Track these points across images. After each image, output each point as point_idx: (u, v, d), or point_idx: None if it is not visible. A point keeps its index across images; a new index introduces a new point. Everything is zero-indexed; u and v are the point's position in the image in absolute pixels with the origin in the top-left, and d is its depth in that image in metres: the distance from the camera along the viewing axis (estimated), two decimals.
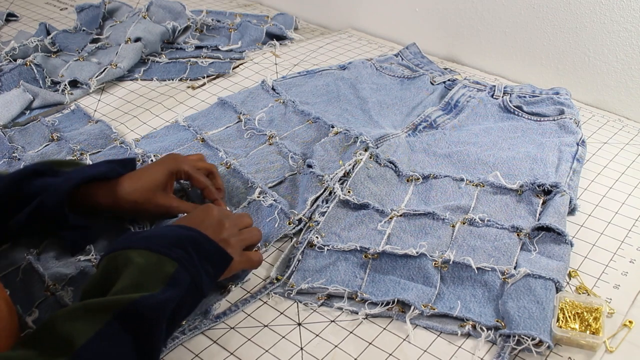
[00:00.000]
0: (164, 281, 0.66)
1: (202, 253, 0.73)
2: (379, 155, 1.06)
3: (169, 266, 0.68)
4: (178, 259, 0.69)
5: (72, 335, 0.58)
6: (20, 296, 0.81)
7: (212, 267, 0.74)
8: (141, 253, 0.69)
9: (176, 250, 0.70)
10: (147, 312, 0.62)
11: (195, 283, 0.70)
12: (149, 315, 0.62)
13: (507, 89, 1.24)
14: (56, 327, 0.59)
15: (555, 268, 0.83)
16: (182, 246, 0.71)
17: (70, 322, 0.60)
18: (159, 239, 0.71)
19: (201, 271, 0.71)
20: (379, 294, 0.83)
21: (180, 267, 0.68)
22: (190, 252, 0.71)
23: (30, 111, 1.25)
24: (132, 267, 0.67)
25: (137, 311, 0.61)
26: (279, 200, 0.96)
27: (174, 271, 0.68)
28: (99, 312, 0.61)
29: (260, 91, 1.28)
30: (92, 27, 1.57)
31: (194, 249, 0.72)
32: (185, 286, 0.68)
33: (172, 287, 0.66)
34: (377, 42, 1.59)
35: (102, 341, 0.59)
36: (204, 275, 0.71)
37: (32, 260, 0.85)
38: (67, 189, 0.83)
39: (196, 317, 0.79)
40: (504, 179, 1.00)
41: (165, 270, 0.67)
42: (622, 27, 1.21)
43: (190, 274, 0.69)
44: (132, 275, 0.66)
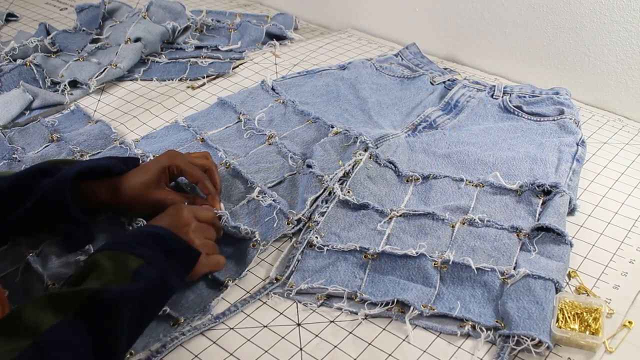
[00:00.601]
0: (127, 277, 0.70)
1: (167, 249, 0.76)
2: (379, 155, 1.06)
3: (133, 262, 0.71)
4: (142, 256, 0.72)
5: (37, 322, 0.61)
6: (20, 296, 0.81)
7: (179, 262, 0.77)
8: (108, 254, 0.72)
9: (140, 248, 0.73)
10: (110, 300, 0.65)
11: (161, 277, 0.72)
12: (111, 303, 0.65)
13: (507, 89, 1.24)
14: (22, 315, 0.62)
15: (555, 268, 0.83)
16: (147, 243, 0.74)
17: (35, 310, 0.62)
18: (126, 239, 0.76)
19: (167, 267, 0.74)
20: (378, 294, 0.83)
21: (145, 263, 0.72)
22: (155, 248, 0.74)
23: (30, 111, 1.25)
24: (99, 267, 0.70)
25: (100, 300, 0.64)
26: (278, 200, 0.96)
27: (138, 267, 0.71)
28: (63, 301, 0.64)
29: (260, 91, 1.28)
30: (92, 27, 1.57)
31: (159, 245, 0.75)
32: (150, 280, 0.71)
33: (135, 281, 0.69)
34: (377, 42, 1.59)
35: (65, 328, 0.61)
36: (170, 270, 0.74)
37: (31, 260, 0.85)
38: (71, 175, 0.85)
39: (195, 315, 0.80)
40: (503, 179, 0.99)
41: (129, 267, 0.71)
42: (622, 27, 1.21)
43: (155, 269, 0.72)
44: (98, 275, 0.69)
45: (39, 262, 0.85)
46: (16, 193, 0.85)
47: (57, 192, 0.83)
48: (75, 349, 0.61)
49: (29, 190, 0.84)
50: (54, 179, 0.85)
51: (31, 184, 0.85)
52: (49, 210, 0.84)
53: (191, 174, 0.94)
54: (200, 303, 0.81)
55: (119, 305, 0.65)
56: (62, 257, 0.86)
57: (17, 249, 0.87)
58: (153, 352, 0.74)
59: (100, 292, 0.65)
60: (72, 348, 0.61)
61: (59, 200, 0.84)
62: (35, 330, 0.60)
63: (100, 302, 0.64)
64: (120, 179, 0.91)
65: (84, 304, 0.64)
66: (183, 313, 0.79)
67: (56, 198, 0.83)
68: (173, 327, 0.78)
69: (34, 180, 0.85)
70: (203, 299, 0.82)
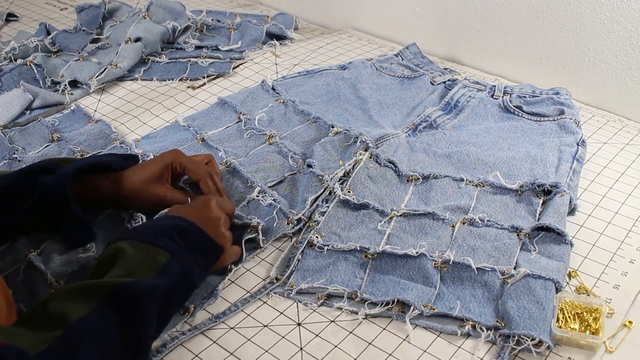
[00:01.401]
0: (155, 270, 0.70)
1: (192, 244, 0.76)
2: (379, 155, 1.06)
3: (161, 256, 0.71)
4: (169, 250, 0.72)
5: (66, 312, 0.61)
6: (23, 295, 0.81)
7: (203, 257, 0.77)
8: (133, 244, 0.72)
9: (167, 241, 0.73)
10: (138, 294, 0.65)
11: (185, 273, 0.73)
12: (140, 297, 0.65)
13: (507, 89, 1.24)
14: (49, 307, 0.62)
15: (555, 268, 0.83)
16: (173, 236, 0.74)
17: (63, 302, 0.62)
18: (151, 230, 0.75)
19: (191, 262, 0.74)
20: (378, 294, 0.83)
21: (171, 258, 0.71)
22: (181, 242, 0.74)
23: (31, 111, 1.25)
24: (125, 257, 0.70)
25: (128, 293, 0.64)
26: (278, 199, 0.96)
27: (166, 261, 0.71)
28: (92, 292, 0.64)
29: (260, 91, 1.28)
30: (92, 27, 1.57)
31: (184, 239, 0.75)
32: (176, 275, 0.71)
33: (163, 276, 0.69)
34: (377, 42, 1.59)
35: (95, 319, 0.61)
36: (194, 265, 0.75)
37: (33, 259, 0.85)
38: (72, 172, 0.85)
39: (204, 301, 0.81)
40: (504, 179, 1.00)
41: (157, 261, 0.71)
42: (622, 27, 1.21)
43: (181, 264, 0.72)
44: (125, 264, 0.69)
45: (41, 261, 0.85)
46: (17, 191, 0.85)
47: (58, 189, 0.84)
48: (105, 340, 0.61)
49: (30, 188, 0.85)
50: (55, 176, 0.85)
51: (32, 181, 0.85)
52: (50, 207, 0.84)
53: (194, 171, 0.95)
54: (207, 289, 0.83)
55: (147, 299, 0.65)
56: (64, 255, 0.86)
57: (17, 248, 0.87)
58: (153, 352, 0.74)
59: (129, 285, 0.65)
60: (101, 339, 0.61)
61: (59, 198, 0.84)
62: (64, 321, 0.60)
63: (129, 295, 0.64)
64: (122, 172, 0.91)
65: (112, 296, 0.63)
66: (192, 301, 0.81)
67: (57, 195, 0.84)
68: (184, 315, 0.79)
69: (35, 178, 0.85)
70: (209, 284, 0.83)
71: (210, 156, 1.00)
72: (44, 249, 0.87)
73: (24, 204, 0.84)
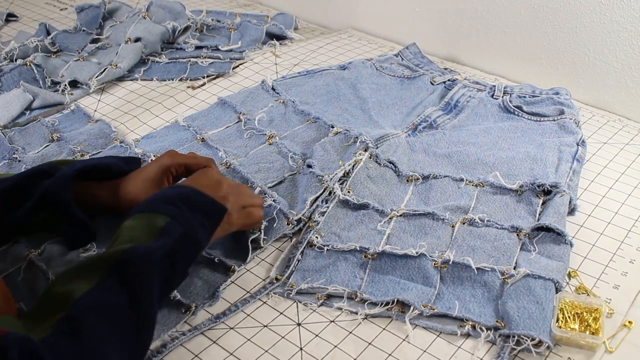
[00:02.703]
0: (154, 234, 0.70)
1: (193, 205, 0.76)
2: (379, 155, 1.06)
3: (160, 220, 0.72)
4: (168, 213, 0.72)
5: (69, 292, 0.61)
6: (24, 294, 0.81)
7: (206, 218, 0.77)
8: (134, 217, 0.73)
9: (166, 206, 0.74)
10: (137, 259, 0.65)
11: (187, 233, 0.73)
12: (139, 262, 0.65)
13: (507, 89, 1.24)
14: (54, 290, 0.63)
15: (555, 268, 0.83)
16: (173, 202, 0.75)
17: (66, 282, 0.63)
18: (151, 200, 0.76)
19: (193, 222, 0.74)
20: (378, 294, 0.83)
21: (171, 220, 0.72)
22: (181, 206, 0.74)
23: (30, 111, 1.25)
24: (125, 229, 0.71)
25: (128, 259, 0.65)
26: (278, 200, 0.96)
27: (165, 224, 0.71)
28: (92, 268, 0.64)
29: (260, 91, 1.28)
30: (92, 27, 1.57)
31: (185, 202, 0.75)
32: (177, 236, 0.71)
33: (163, 237, 0.70)
34: (377, 42, 1.59)
35: (98, 292, 0.62)
36: (197, 225, 0.74)
37: (34, 258, 0.85)
38: (72, 174, 0.85)
39: (205, 301, 0.81)
40: (503, 179, 1.00)
41: (156, 225, 0.71)
42: (622, 27, 1.21)
43: (182, 226, 0.72)
44: (125, 235, 0.70)
45: (42, 261, 0.85)
46: (16, 195, 0.84)
47: (57, 190, 0.83)
48: (109, 312, 0.61)
49: (29, 192, 0.84)
50: (55, 177, 0.85)
51: (31, 185, 0.85)
52: (50, 209, 0.84)
53: (196, 162, 0.94)
54: (209, 289, 0.83)
55: (147, 262, 0.66)
56: (65, 256, 0.87)
57: (18, 249, 0.87)
58: (153, 352, 0.74)
59: (128, 252, 0.65)
60: (105, 312, 0.61)
61: (59, 199, 0.84)
62: (68, 300, 0.60)
63: (129, 261, 0.65)
64: (120, 180, 0.90)
65: (113, 267, 0.64)
66: (193, 300, 0.81)
67: (57, 196, 0.83)
68: (185, 313, 0.79)
69: (34, 182, 0.85)
70: (211, 284, 0.84)
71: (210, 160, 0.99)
72: (44, 249, 0.87)
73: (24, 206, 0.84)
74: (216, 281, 0.84)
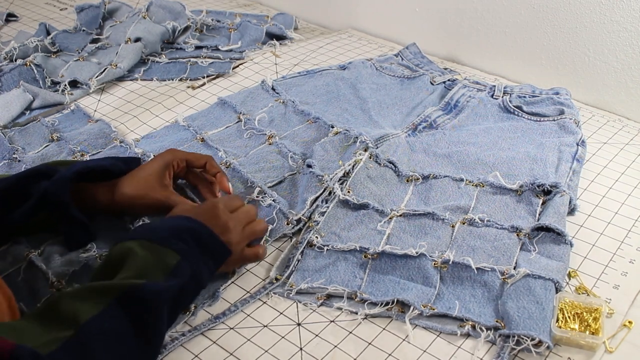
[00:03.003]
0: (166, 272, 0.69)
1: (202, 246, 0.75)
2: (379, 155, 1.06)
3: (171, 258, 0.71)
4: (179, 251, 0.72)
5: (77, 312, 0.61)
6: (24, 294, 0.81)
7: (212, 260, 0.77)
8: (143, 244, 0.72)
9: (177, 242, 0.73)
10: (149, 296, 0.65)
11: (195, 275, 0.72)
12: (151, 300, 0.65)
13: (507, 89, 1.24)
14: (60, 305, 0.62)
15: (555, 268, 0.83)
16: (183, 238, 0.74)
17: (74, 301, 0.62)
18: (161, 230, 0.75)
19: (201, 263, 0.74)
20: (378, 294, 0.83)
21: (182, 260, 0.71)
22: (191, 244, 0.74)
23: (30, 111, 1.25)
24: (136, 258, 0.70)
25: (139, 295, 0.64)
26: (278, 200, 0.96)
27: (176, 263, 0.71)
28: (103, 293, 0.64)
29: (260, 91, 1.28)
30: (92, 27, 1.57)
31: (195, 241, 0.75)
32: (187, 277, 0.71)
33: (173, 277, 0.69)
34: (377, 42, 1.59)
35: (106, 320, 0.61)
36: (203, 267, 0.74)
37: (34, 258, 0.85)
38: (70, 175, 0.85)
39: (205, 302, 0.81)
40: (503, 179, 0.99)
41: (167, 262, 0.70)
42: (622, 27, 1.21)
43: (190, 266, 0.72)
44: (135, 265, 0.69)
45: (41, 261, 0.85)
46: (14, 195, 0.84)
47: (56, 191, 0.83)
48: (115, 341, 0.61)
49: (27, 192, 0.84)
50: (53, 179, 0.84)
51: (29, 186, 0.85)
52: (49, 210, 0.84)
53: (197, 158, 0.94)
54: (209, 289, 0.83)
55: (158, 301, 0.66)
56: (64, 256, 0.86)
57: (18, 249, 0.87)
58: None
59: (140, 287, 0.65)
60: (112, 341, 0.61)
61: (58, 200, 0.83)
62: (75, 321, 0.60)
63: (140, 297, 0.64)
64: (119, 181, 0.90)
65: (123, 298, 0.64)
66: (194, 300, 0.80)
67: (55, 197, 0.83)
68: (185, 314, 0.79)
69: (32, 183, 0.85)
70: (211, 285, 0.83)
71: (209, 157, 0.99)
72: (44, 250, 0.87)
73: (23, 207, 0.83)
74: (216, 282, 0.84)
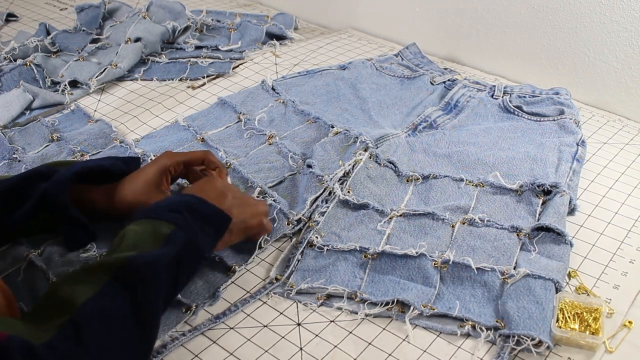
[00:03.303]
0: (159, 241, 0.70)
1: (197, 214, 0.76)
2: (379, 155, 1.06)
3: (165, 228, 0.72)
4: (173, 221, 0.73)
5: (73, 296, 0.61)
6: (24, 294, 0.81)
7: (210, 226, 0.77)
8: (138, 222, 0.73)
9: (171, 214, 0.74)
10: (142, 267, 0.65)
11: (191, 241, 0.73)
12: (144, 269, 0.65)
13: (507, 89, 1.24)
14: (57, 292, 0.62)
15: (555, 268, 0.83)
16: (177, 210, 0.75)
17: (70, 285, 0.63)
18: (156, 207, 0.76)
19: (197, 230, 0.74)
20: (378, 294, 0.83)
21: (176, 229, 0.72)
22: (185, 214, 0.75)
23: (30, 111, 1.25)
24: (129, 234, 0.71)
25: (132, 267, 0.65)
26: (278, 200, 0.96)
27: (169, 232, 0.71)
28: (96, 272, 0.64)
29: (260, 91, 1.28)
30: (92, 27, 1.57)
31: (189, 211, 0.76)
32: (181, 243, 0.71)
33: (167, 245, 0.70)
34: (377, 42, 1.59)
35: (102, 298, 0.62)
36: (200, 234, 0.75)
37: (34, 258, 0.85)
38: (70, 176, 0.85)
39: (206, 301, 0.81)
40: (503, 179, 1.00)
41: (161, 232, 0.71)
42: (622, 27, 1.21)
43: (185, 234, 0.73)
44: (129, 240, 0.70)
45: (42, 261, 0.85)
46: (14, 197, 0.84)
47: (55, 192, 0.83)
48: (113, 319, 0.62)
49: (27, 193, 0.84)
50: (53, 179, 0.84)
51: (29, 187, 0.85)
52: (48, 211, 0.84)
53: (194, 157, 0.94)
54: (209, 289, 0.83)
55: (152, 270, 0.66)
56: (65, 256, 0.86)
57: (18, 249, 0.87)
58: (153, 353, 0.74)
59: (133, 259, 0.65)
60: (109, 319, 0.61)
61: (57, 200, 0.83)
62: (72, 304, 0.60)
63: (134, 268, 0.65)
64: (117, 185, 0.89)
65: (117, 273, 0.64)
66: (194, 299, 0.81)
67: (55, 198, 0.83)
68: (186, 313, 0.79)
69: (32, 184, 0.85)
70: (212, 284, 0.84)
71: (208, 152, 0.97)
72: (44, 250, 0.87)
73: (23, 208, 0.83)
74: (216, 281, 0.84)
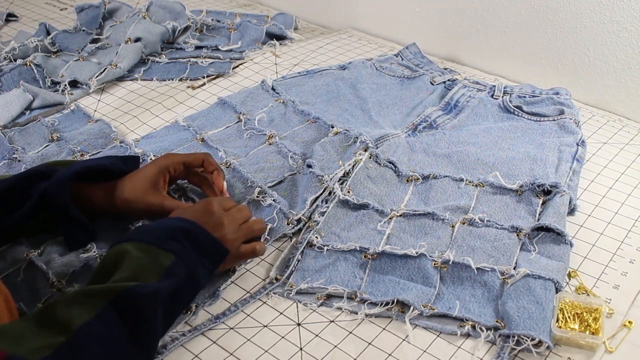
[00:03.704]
0: (160, 273, 0.69)
1: (197, 245, 0.75)
2: (379, 155, 1.06)
3: (165, 259, 0.71)
4: (174, 252, 0.72)
5: (70, 318, 0.61)
6: (24, 294, 0.81)
7: (208, 259, 0.77)
8: (138, 246, 0.72)
9: (172, 243, 0.73)
10: (142, 299, 0.65)
11: (191, 275, 0.73)
12: (143, 302, 0.65)
13: (507, 89, 1.24)
14: (56, 311, 0.62)
15: (555, 268, 0.83)
16: (178, 238, 0.74)
17: (69, 306, 0.62)
18: (156, 232, 0.75)
19: (197, 263, 0.74)
20: (378, 294, 0.83)
21: (176, 260, 0.71)
22: (186, 244, 0.74)
23: (30, 111, 1.25)
24: (130, 260, 0.70)
25: (131, 298, 0.64)
26: (278, 200, 0.96)
27: (170, 263, 0.71)
28: (96, 297, 0.64)
29: (260, 91, 1.28)
30: (92, 27, 1.57)
31: (190, 241, 0.75)
32: (181, 277, 0.71)
33: (167, 278, 0.69)
34: (377, 42, 1.59)
35: (99, 324, 0.62)
36: (199, 267, 0.74)
37: (34, 258, 0.85)
38: (69, 175, 0.84)
39: (206, 301, 0.81)
40: (503, 179, 1.00)
41: (161, 263, 0.70)
42: (622, 27, 1.21)
43: (186, 266, 0.72)
44: (130, 267, 0.69)
45: (42, 261, 0.85)
46: (14, 196, 0.84)
47: (55, 192, 0.83)
48: (108, 346, 0.61)
49: (27, 193, 0.84)
50: (52, 179, 0.84)
51: (28, 187, 0.85)
52: (48, 210, 0.84)
53: (194, 159, 0.94)
54: (209, 288, 0.83)
55: (152, 302, 0.66)
56: (65, 256, 0.86)
57: (18, 249, 0.87)
58: None
59: (133, 290, 0.65)
60: (104, 345, 0.61)
61: (57, 200, 0.83)
62: (68, 327, 0.60)
63: (133, 300, 0.64)
64: (116, 183, 0.90)
65: (116, 301, 0.63)
66: (194, 300, 0.80)
67: (55, 198, 0.83)
68: (186, 313, 0.79)
69: (32, 184, 0.85)
70: (212, 284, 0.84)
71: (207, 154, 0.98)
72: (44, 250, 0.87)
73: (23, 208, 0.83)
74: (216, 281, 0.84)
